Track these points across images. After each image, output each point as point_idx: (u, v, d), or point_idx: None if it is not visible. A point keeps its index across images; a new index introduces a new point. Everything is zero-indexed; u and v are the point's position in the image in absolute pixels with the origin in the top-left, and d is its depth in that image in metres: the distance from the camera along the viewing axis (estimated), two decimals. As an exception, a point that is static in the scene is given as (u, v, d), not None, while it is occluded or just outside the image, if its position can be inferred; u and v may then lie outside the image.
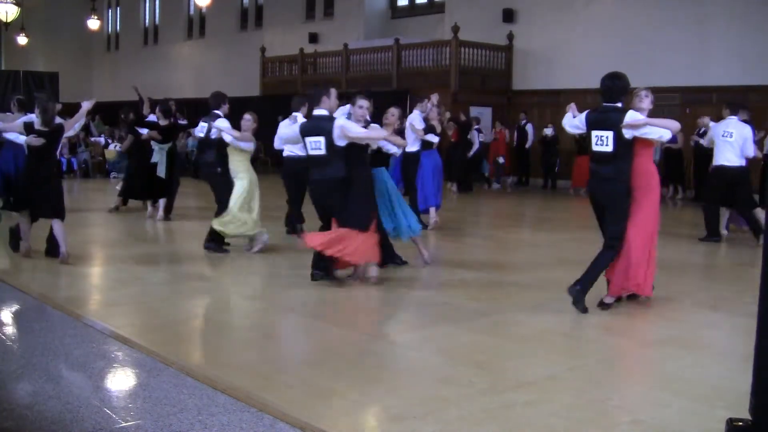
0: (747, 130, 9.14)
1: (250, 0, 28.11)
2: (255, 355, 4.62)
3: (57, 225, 7.25)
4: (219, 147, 7.99)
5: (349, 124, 6.43)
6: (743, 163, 9.10)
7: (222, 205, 8.02)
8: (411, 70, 19.97)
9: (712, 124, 10.04)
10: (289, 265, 7.50)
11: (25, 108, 10.61)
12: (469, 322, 5.38)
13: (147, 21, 33.78)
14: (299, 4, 25.78)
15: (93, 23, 29.36)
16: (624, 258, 5.66)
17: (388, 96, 16.62)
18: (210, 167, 8.12)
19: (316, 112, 6.55)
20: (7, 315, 5.73)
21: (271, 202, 9.96)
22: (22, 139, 7.26)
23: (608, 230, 5.69)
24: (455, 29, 18.66)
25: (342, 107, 7.55)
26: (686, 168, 14.98)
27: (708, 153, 10.47)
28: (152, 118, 10.81)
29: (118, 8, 35.36)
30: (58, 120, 7.29)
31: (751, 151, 9.14)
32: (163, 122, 10.50)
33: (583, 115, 5.87)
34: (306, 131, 6.50)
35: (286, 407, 3.61)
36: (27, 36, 30.36)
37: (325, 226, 6.65)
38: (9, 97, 16.70)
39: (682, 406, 3.78)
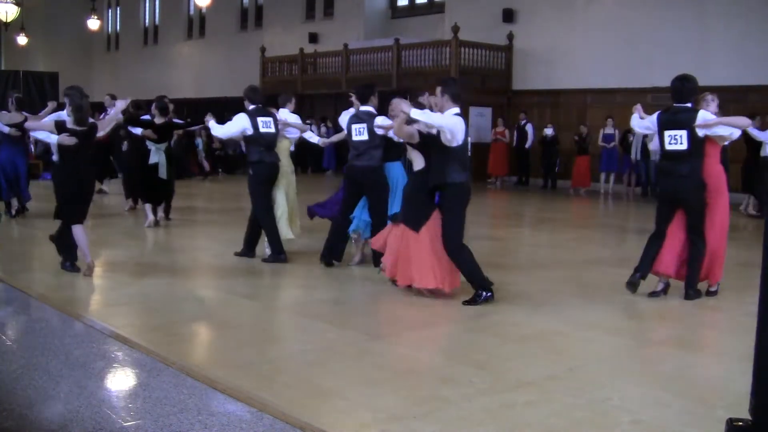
0: None
1: (250, 0, 28.14)
2: (255, 355, 4.61)
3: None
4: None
5: None
6: None
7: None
8: (411, 70, 19.96)
9: None
10: (289, 265, 7.50)
11: (24, 106, 10.58)
12: (469, 322, 5.38)
13: (147, 21, 33.83)
14: (299, 4, 25.80)
15: (93, 23, 29.41)
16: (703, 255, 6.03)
17: (388, 96, 16.58)
18: (276, 168, 7.68)
19: (454, 110, 6.07)
20: (7, 315, 5.72)
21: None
22: (53, 138, 6.65)
23: (693, 227, 5.95)
24: (455, 29, 18.65)
25: (345, 111, 7.58)
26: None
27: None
28: (147, 117, 10.48)
29: (118, 8, 35.43)
30: (90, 119, 6.78)
31: None
32: (159, 120, 9.99)
33: (654, 116, 6.13)
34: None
35: (286, 407, 3.61)
36: (27, 36, 30.43)
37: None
38: (9, 95, 16.68)
39: (682, 406, 3.79)
